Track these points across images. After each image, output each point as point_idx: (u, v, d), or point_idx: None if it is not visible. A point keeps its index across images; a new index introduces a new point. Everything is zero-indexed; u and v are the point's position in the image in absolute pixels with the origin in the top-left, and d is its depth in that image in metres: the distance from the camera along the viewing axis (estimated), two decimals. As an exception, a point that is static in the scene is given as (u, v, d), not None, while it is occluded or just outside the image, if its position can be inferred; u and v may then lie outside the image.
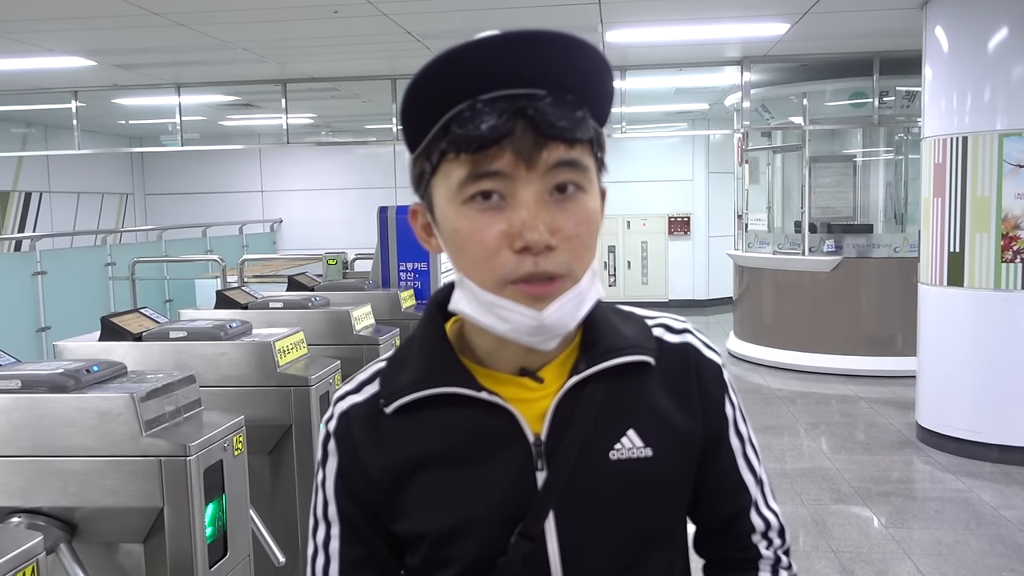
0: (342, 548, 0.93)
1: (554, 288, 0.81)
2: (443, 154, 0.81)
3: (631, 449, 0.89)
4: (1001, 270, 5.01)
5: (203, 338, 2.76)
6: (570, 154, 0.80)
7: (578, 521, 0.88)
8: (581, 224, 0.82)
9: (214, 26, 5.93)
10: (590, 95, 0.83)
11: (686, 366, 0.95)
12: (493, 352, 0.90)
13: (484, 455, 0.88)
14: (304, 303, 3.66)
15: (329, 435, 0.94)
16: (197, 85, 8.52)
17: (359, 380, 0.96)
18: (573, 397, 0.89)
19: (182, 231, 11.30)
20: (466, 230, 0.82)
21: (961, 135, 5.12)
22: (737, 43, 7.20)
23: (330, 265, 5.51)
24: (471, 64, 0.79)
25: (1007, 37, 4.94)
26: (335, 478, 0.93)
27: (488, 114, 0.79)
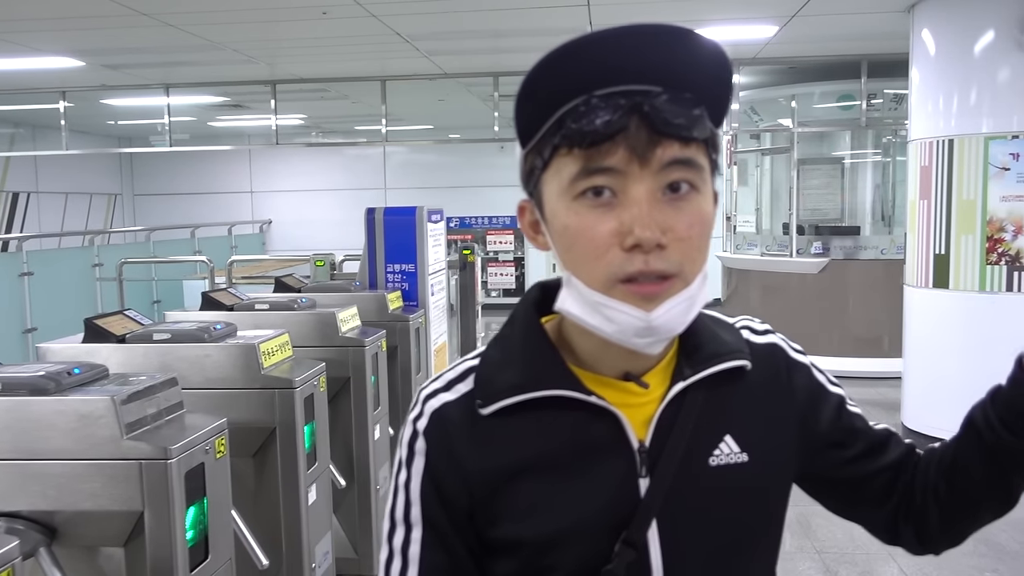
0: (423, 553, 0.88)
1: (664, 288, 0.79)
2: (555, 149, 0.80)
3: (729, 455, 0.89)
4: (986, 272, 5.04)
5: (187, 340, 2.75)
6: (685, 153, 0.79)
7: (679, 528, 0.87)
8: (694, 225, 0.80)
9: (203, 27, 5.91)
10: (708, 94, 0.81)
11: (776, 368, 0.95)
12: (597, 355, 0.88)
13: (588, 461, 0.86)
14: (290, 305, 3.65)
15: (417, 433, 0.90)
16: (186, 86, 8.50)
17: (448, 378, 0.92)
18: (676, 403, 0.88)
19: (170, 232, 11.27)
20: (576, 226, 0.80)
21: (947, 138, 5.15)
22: (726, 45, 7.13)
23: (318, 266, 5.50)
24: (587, 59, 0.78)
25: (993, 40, 4.97)
26: (422, 479, 0.89)
27: (603, 109, 0.77)
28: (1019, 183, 4.93)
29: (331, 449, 3.39)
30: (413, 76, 8.02)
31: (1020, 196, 4.93)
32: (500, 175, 12.82)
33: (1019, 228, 4.94)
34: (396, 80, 8.14)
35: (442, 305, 5.34)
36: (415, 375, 4.58)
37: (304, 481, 2.88)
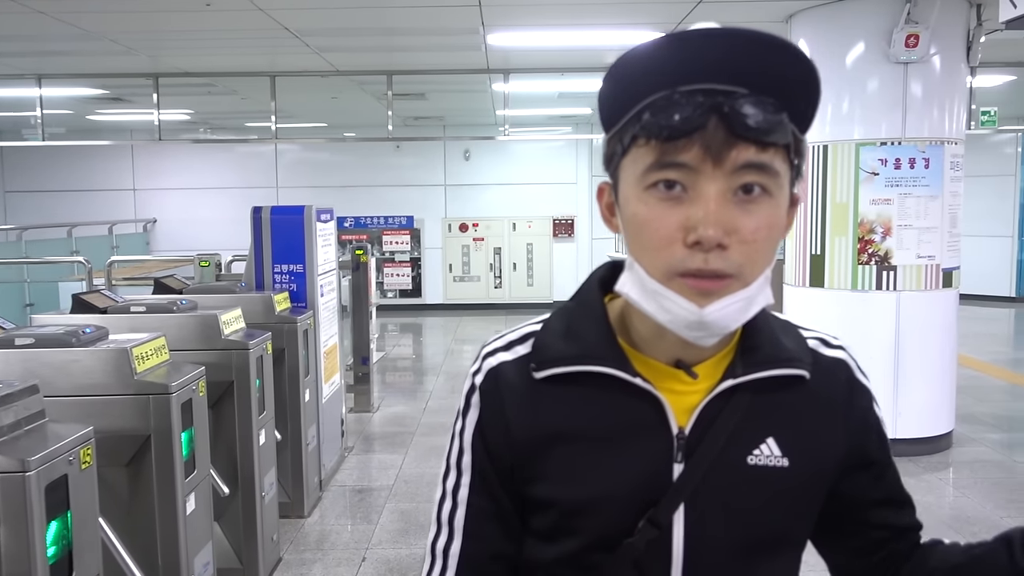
0: (471, 497, 0.95)
1: (721, 286, 0.80)
2: (634, 139, 0.81)
3: (769, 456, 0.90)
4: (858, 272, 5.31)
5: (52, 345, 2.60)
6: (760, 157, 0.79)
7: (706, 518, 0.89)
8: (760, 230, 0.81)
9: (76, 15, 5.62)
10: (792, 100, 0.81)
11: (838, 385, 0.96)
12: (651, 339, 0.90)
13: (627, 438, 0.89)
14: (169, 307, 3.51)
15: (474, 388, 0.95)
16: (60, 77, 8.06)
17: (509, 339, 0.97)
18: (723, 398, 0.90)
19: (45, 231, 10.68)
20: (644, 216, 0.82)
21: (822, 143, 5.40)
22: (616, 50, 7.28)
23: (203, 267, 5.30)
24: (676, 54, 0.79)
25: (864, 52, 5.24)
26: (474, 430, 0.95)
27: (683, 105, 0.78)
28: (887, 187, 5.21)
29: (213, 456, 3.28)
30: (304, 72, 7.85)
31: (888, 200, 5.21)
32: (396, 175, 12.71)
33: (887, 230, 5.22)
34: (286, 76, 7.94)
35: (333, 306, 5.25)
36: (303, 378, 4.48)
37: (182, 490, 2.77)
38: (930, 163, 5.17)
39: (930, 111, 5.20)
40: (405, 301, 12.89)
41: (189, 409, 2.80)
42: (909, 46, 5.02)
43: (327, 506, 4.70)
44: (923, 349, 5.29)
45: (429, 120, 11.99)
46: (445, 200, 12.86)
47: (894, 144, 5.19)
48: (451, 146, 12.55)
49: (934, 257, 5.24)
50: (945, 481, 5.00)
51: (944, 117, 5.23)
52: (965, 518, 4.35)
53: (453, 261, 12.86)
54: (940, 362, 5.40)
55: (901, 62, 5.12)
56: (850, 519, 1.00)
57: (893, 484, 1.01)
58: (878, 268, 5.25)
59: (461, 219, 12.77)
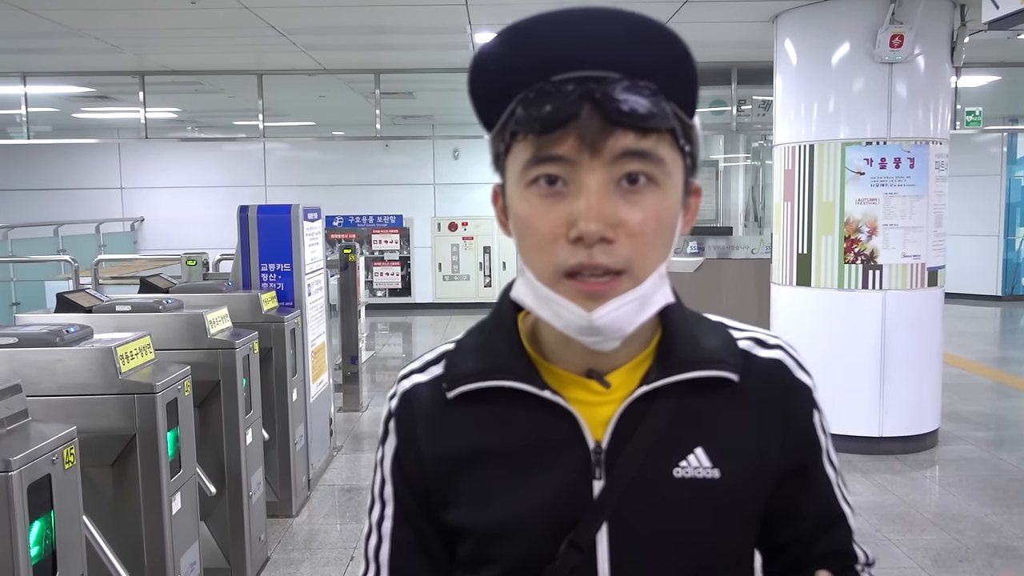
0: (394, 530, 0.91)
1: (609, 287, 0.75)
2: (513, 135, 0.78)
3: (697, 468, 0.83)
4: (844, 271, 5.33)
5: (36, 344, 2.59)
6: (641, 144, 0.75)
7: (633, 537, 0.83)
8: (648, 221, 0.76)
9: (60, 12, 5.58)
10: (670, 83, 0.77)
11: (775, 385, 0.89)
12: (559, 349, 0.85)
13: (541, 456, 0.83)
14: (155, 306, 3.50)
15: (391, 414, 0.92)
16: (45, 75, 8.01)
17: (426, 359, 0.92)
18: (641, 407, 0.83)
19: (32, 230, 10.61)
20: (526, 215, 0.78)
21: (808, 143, 5.42)
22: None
23: (189, 266, 5.28)
24: (543, 42, 0.75)
25: (849, 52, 5.27)
26: (392, 458, 0.91)
27: (554, 95, 0.74)
28: (873, 187, 5.24)
29: (200, 455, 3.27)
30: (291, 71, 7.82)
31: (874, 199, 5.24)
32: (385, 173, 12.69)
33: (873, 229, 5.25)
34: (273, 75, 7.92)
35: (320, 305, 5.24)
36: (290, 377, 4.47)
37: (167, 489, 2.76)
38: (915, 163, 5.20)
39: (915, 111, 5.23)
40: (395, 300, 12.87)
41: (175, 409, 2.80)
42: (894, 46, 5.05)
43: (315, 505, 4.70)
44: (909, 348, 5.33)
45: (418, 119, 11.98)
46: (434, 199, 12.84)
47: (879, 144, 5.22)
48: (440, 145, 12.53)
49: (919, 256, 5.27)
50: (931, 479, 5.04)
51: (929, 117, 5.26)
52: (951, 515, 4.39)
53: (443, 260, 12.85)
54: (926, 361, 5.44)
55: (886, 62, 5.15)
56: (770, 535, 0.92)
57: (826, 497, 0.92)
58: (864, 267, 5.28)
59: (450, 218, 12.76)
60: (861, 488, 4.76)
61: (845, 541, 0.93)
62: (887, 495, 4.65)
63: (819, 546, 0.92)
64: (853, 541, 0.94)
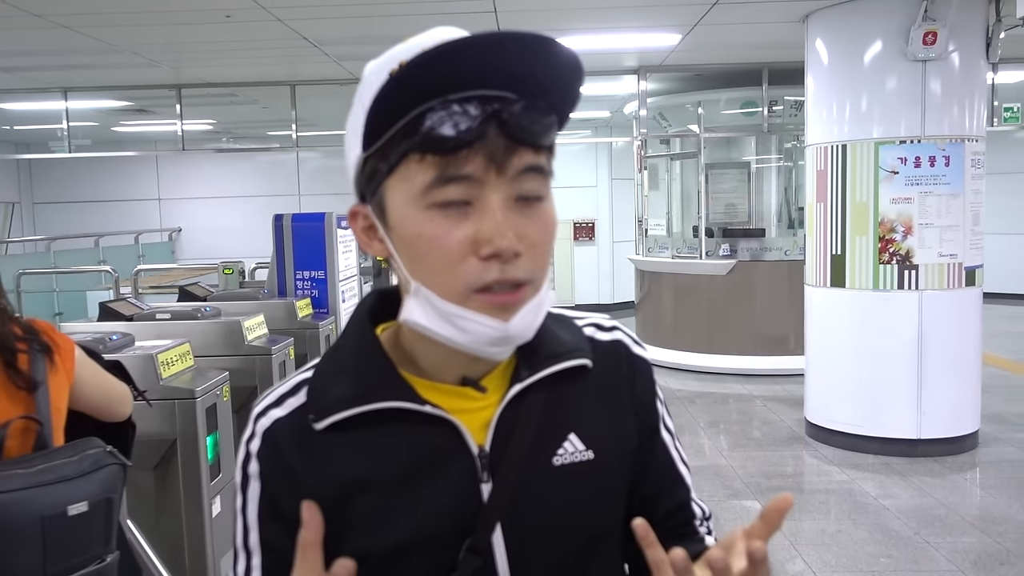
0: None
1: (518, 297, 0.79)
2: (404, 155, 0.77)
3: (573, 453, 0.88)
4: (879, 271, 5.28)
5: (80, 352, 2.66)
6: (537, 160, 0.79)
7: (525, 531, 0.86)
8: (544, 232, 0.81)
9: (101, 29, 5.73)
10: (560, 102, 0.81)
11: (618, 364, 0.95)
12: (437, 363, 0.86)
13: (427, 471, 0.84)
14: (193, 314, 3.58)
15: (250, 456, 0.86)
16: (86, 90, 8.21)
17: (279, 393, 0.89)
18: (515, 405, 0.87)
19: (73, 241, 10.85)
20: (430, 235, 0.77)
21: (841, 143, 5.38)
22: (634, 53, 7.38)
23: (226, 274, 5.38)
24: (444, 64, 0.75)
25: (881, 50, 5.22)
26: (259, 503, 0.86)
27: (461, 116, 0.75)
28: (907, 186, 5.18)
29: (238, 460, 3.33)
30: (323, 81, 7.93)
31: (909, 198, 5.19)
32: (416, 181, 12.77)
33: (908, 229, 5.20)
34: (306, 85, 8.03)
35: (354, 312, 5.29)
36: (326, 383, 4.52)
37: (208, 493, 2.82)
38: (950, 161, 5.14)
39: (950, 108, 5.17)
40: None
41: (214, 413, 2.86)
42: (927, 43, 5.00)
43: (351, 510, 4.74)
44: (947, 348, 5.25)
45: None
46: (465, 205, 12.91)
47: (914, 142, 5.16)
48: (471, 151, 12.59)
49: (956, 255, 5.20)
50: (971, 482, 4.96)
51: (964, 114, 5.19)
52: (991, 519, 4.32)
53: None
54: (964, 361, 5.36)
55: (919, 60, 5.10)
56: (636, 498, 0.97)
57: (665, 459, 0.98)
58: (900, 267, 5.23)
59: (481, 224, 12.81)
60: (899, 491, 4.71)
61: (683, 498, 0.99)
62: (926, 498, 4.59)
63: (661, 505, 0.97)
64: (691, 499, 1.00)
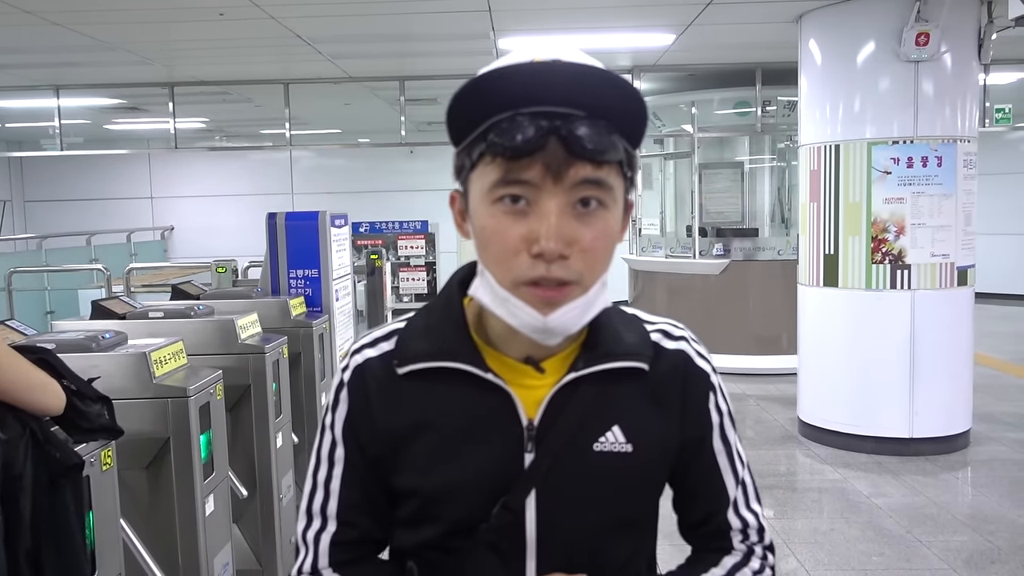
0: (342, 489, 1.01)
1: (563, 294, 0.88)
2: (481, 155, 0.88)
3: (614, 443, 0.97)
4: (872, 271, 5.30)
5: (73, 350, 2.65)
6: (596, 174, 0.86)
7: (557, 502, 0.96)
8: (598, 239, 0.88)
9: (92, 26, 5.70)
10: (623, 123, 0.88)
11: (677, 371, 1.03)
12: (504, 338, 0.97)
13: (481, 430, 0.96)
14: (187, 312, 3.56)
15: (343, 384, 1.02)
16: (77, 87, 8.17)
17: (376, 336, 1.03)
18: (569, 390, 0.97)
19: (65, 239, 10.81)
20: (492, 228, 0.89)
21: (834, 143, 5.39)
22: (627, 52, 7.38)
23: (219, 273, 5.35)
24: (518, 80, 0.86)
25: (874, 51, 5.24)
26: (343, 424, 1.01)
27: (525, 127, 0.84)
28: (900, 186, 5.20)
29: (232, 458, 3.32)
30: (317, 79, 7.91)
31: (901, 198, 5.20)
32: (410, 180, 12.76)
33: (901, 229, 5.21)
34: (299, 83, 8.01)
35: (348, 311, 5.29)
36: (319, 381, 4.52)
37: (201, 492, 2.81)
38: (943, 161, 5.16)
39: (942, 109, 5.18)
40: (421, 305, 12.90)
41: (207, 412, 2.84)
42: (920, 44, 5.02)
43: (344, 509, 4.73)
44: (939, 348, 5.27)
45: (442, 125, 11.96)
46: (459, 204, 12.88)
47: (906, 143, 5.18)
48: (464, 150, 12.58)
49: (948, 255, 5.22)
50: (963, 480, 4.98)
51: (956, 115, 5.21)
52: (983, 517, 4.34)
53: None
54: (956, 361, 5.38)
55: (912, 60, 5.12)
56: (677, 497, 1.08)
57: (710, 469, 1.06)
58: (892, 267, 5.24)
59: (475, 223, 12.79)
60: (891, 489, 4.73)
61: (718, 507, 1.06)
62: (918, 496, 4.61)
63: (697, 508, 1.07)
64: (730, 510, 1.07)
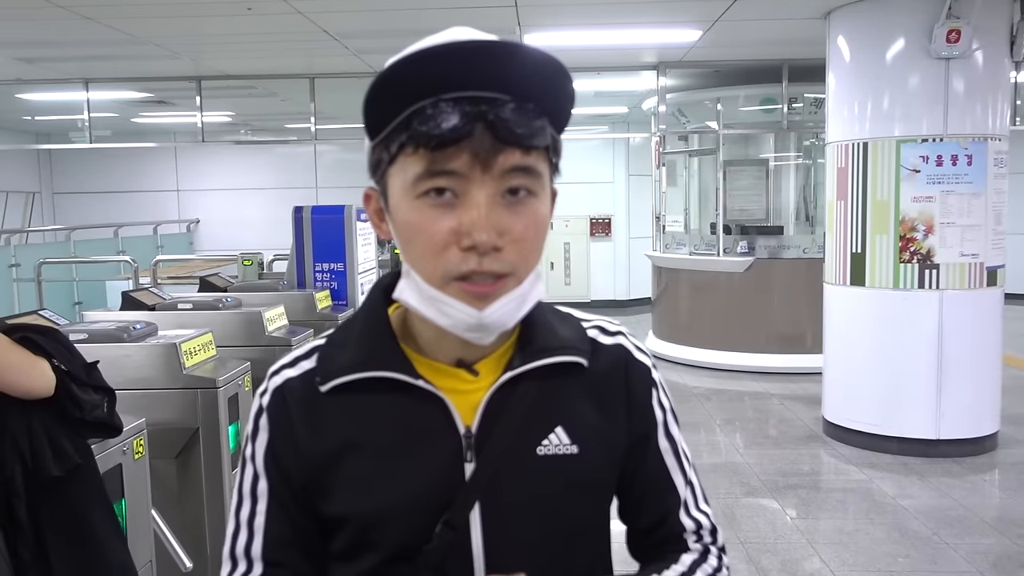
0: (267, 525, 0.92)
1: (496, 288, 0.83)
2: (402, 147, 0.82)
3: (558, 446, 0.92)
4: (899, 270, 5.25)
5: (105, 340, 2.69)
6: (525, 160, 0.82)
7: (503, 514, 0.89)
8: (529, 228, 0.84)
9: (123, 20, 5.76)
10: (550, 104, 0.85)
11: (616, 368, 0.98)
12: (433, 342, 0.91)
13: (415, 443, 0.89)
14: (215, 304, 3.60)
15: (262, 409, 0.94)
16: (107, 81, 8.25)
17: (295, 355, 0.96)
18: (506, 392, 0.91)
19: (93, 231, 10.94)
20: (417, 223, 0.83)
21: (862, 141, 5.34)
22: (653, 49, 7.35)
23: (245, 266, 5.41)
24: (438, 65, 0.80)
25: (904, 48, 5.18)
26: (264, 453, 0.92)
27: (450, 114, 0.80)
28: (929, 184, 5.14)
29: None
30: (342, 74, 7.95)
31: (930, 197, 5.15)
32: (433, 175, 12.76)
33: (929, 228, 5.16)
34: (325, 78, 8.05)
35: (372, 304, 5.31)
36: (344, 375, 4.55)
37: (229, 481, 2.84)
38: (973, 160, 5.10)
39: (973, 107, 5.12)
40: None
41: (236, 403, 2.88)
42: (951, 41, 4.96)
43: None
44: (967, 349, 5.21)
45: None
46: (482, 200, 12.90)
47: (936, 141, 5.12)
48: (488, 146, 12.59)
49: (978, 255, 5.16)
50: (990, 483, 4.93)
51: (987, 113, 5.15)
52: (1010, 520, 4.29)
53: None
54: (985, 362, 5.32)
55: (942, 58, 5.06)
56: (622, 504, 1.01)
57: (657, 468, 1.00)
58: (920, 266, 5.19)
59: (498, 219, 12.81)
60: (918, 491, 4.68)
61: (670, 508, 1.01)
62: (945, 499, 4.57)
63: (647, 511, 1.00)
64: (682, 511, 1.01)
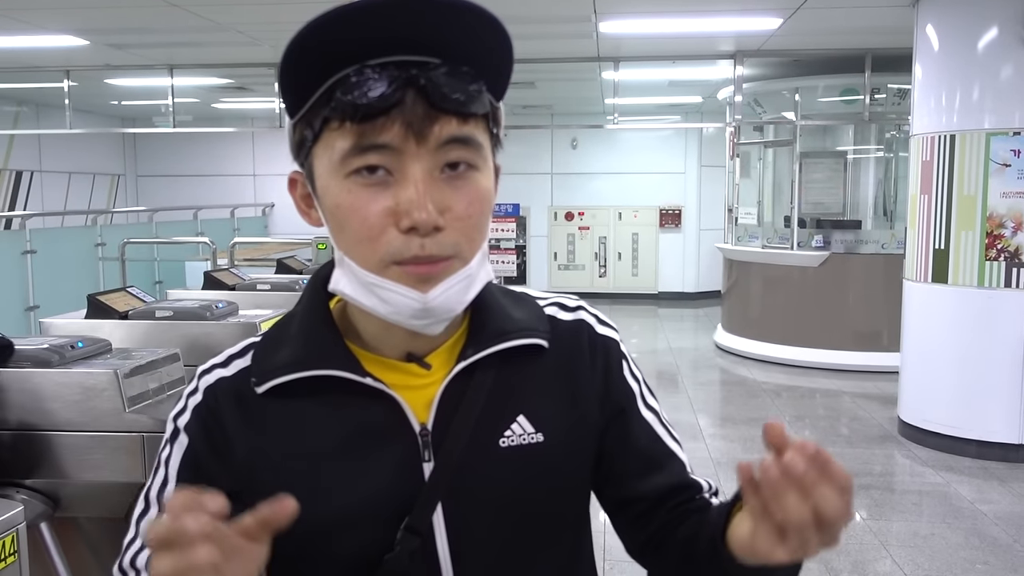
0: None
1: (440, 269, 0.75)
2: (326, 122, 0.74)
3: (522, 435, 0.84)
4: (985, 268, 5.06)
5: (189, 318, 2.78)
6: (463, 130, 0.75)
7: (469, 514, 0.82)
8: (473, 204, 0.76)
9: (208, 7, 5.91)
10: (488, 68, 0.77)
11: (580, 343, 0.90)
12: (378, 336, 0.84)
13: (367, 445, 0.81)
14: (291, 286, 3.69)
15: (185, 409, 0.85)
16: (190, 67, 8.49)
17: (228, 353, 0.87)
18: (461, 384, 0.83)
19: (173, 213, 11.28)
20: (348, 205, 0.75)
21: (949, 133, 5.16)
22: (730, 37, 7.21)
23: (320, 249, 5.52)
24: (360, 25, 0.71)
25: (996, 37, 4.98)
26: (182, 459, 0.83)
27: (377, 81, 0.72)
28: (1019, 179, 4.94)
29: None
30: (417, 61, 8.02)
31: (1020, 192, 4.95)
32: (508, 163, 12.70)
33: (1019, 224, 4.96)
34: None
35: (442, 290, 5.37)
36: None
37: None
38: (1069, 154, 4.88)
39: (1070, 99, 4.90)
40: (509, 288, 13.00)
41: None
42: (1049, 30, 4.74)
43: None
44: (1055, 351, 5.01)
45: (537, 108, 12.05)
46: (551, 188, 12.90)
47: (1029, 134, 4.92)
48: (558, 135, 12.57)
49: (1070, 254, 4.94)
50: (1076, 491, 4.73)
51: (1085, 105, 4.92)
52: (1097, 531, 4.12)
53: (558, 249, 12.89)
54: (1073, 365, 5.10)
55: (1039, 47, 4.85)
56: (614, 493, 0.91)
57: (649, 437, 0.91)
58: (1008, 264, 5.00)
59: (567, 208, 12.79)
60: (998, 496, 4.53)
61: (681, 473, 0.91)
62: (1026, 506, 4.41)
63: (655, 483, 0.89)
64: (689, 472, 0.91)
